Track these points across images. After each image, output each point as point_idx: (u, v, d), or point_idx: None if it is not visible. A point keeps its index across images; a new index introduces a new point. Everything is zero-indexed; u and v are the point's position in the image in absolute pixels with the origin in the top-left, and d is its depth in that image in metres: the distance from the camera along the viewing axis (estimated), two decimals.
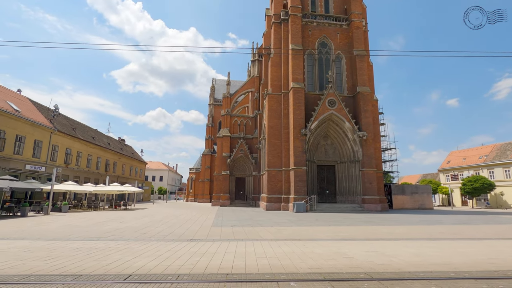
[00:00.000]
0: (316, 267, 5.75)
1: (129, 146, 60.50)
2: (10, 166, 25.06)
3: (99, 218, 18.02)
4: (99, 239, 9.76)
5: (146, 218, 18.42)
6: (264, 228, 13.54)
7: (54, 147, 31.35)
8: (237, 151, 38.94)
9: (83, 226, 13.46)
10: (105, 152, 43.10)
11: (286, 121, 29.71)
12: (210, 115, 61.37)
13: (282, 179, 28.86)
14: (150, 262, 6.19)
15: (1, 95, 27.22)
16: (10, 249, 7.62)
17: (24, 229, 12.36)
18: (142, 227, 13.56)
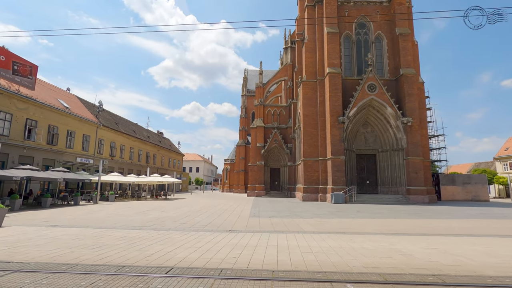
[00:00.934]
0: (372, 266, 5.10)
1: (167, 139, 62.99)
2: (63, 159, 27.19)
3: (142, 208, 18.80)
4: (142, 228, 9.96)
5: (185, 208, 18.84)
6: (304, 219, 12.99)
7: (100, 141, 33.46)
8: (271, 141, 38.46)
9: (127, 215, 14.02)
10: (145, 145, 45.23)
11: (322, 109, 28.44)
12: (243, 106, 61.35)
13: (319, 169, 27.87)
14: (191, 254, 6.00)
15: (53, 94, 29.45)
16: (62, 237, 7.98)
17: (75, 217, 13.16)
18: (181, 216, 13.77)
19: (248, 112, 61.36)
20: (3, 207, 9.84)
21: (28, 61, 24.29)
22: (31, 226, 10.07)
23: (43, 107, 25.01)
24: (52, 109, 25.92)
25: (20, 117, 22.84)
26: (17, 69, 23.16)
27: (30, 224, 10.55)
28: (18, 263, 5.12)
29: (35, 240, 7.44)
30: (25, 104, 23.30)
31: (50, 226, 10.00)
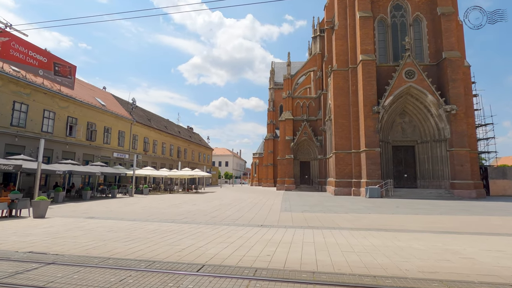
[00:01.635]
0: (429, 270, 4.42)
1: (196, 134, 64.33)
2: (101, 154, 28.62)
3: (174, 201, 19.14)
4: (174, 221, 9.94)
5: (215, 201, 18.87)
6: (339, 214, 12.27)
7: (134, 137, 34.79)
8: (300, 134, 37.51)
9: (160, 208, 14.24)
10: (176, 140, 46.44)
11: (355, 99, 26.98)
12: (271, 99, 60.66)
13: (351, 162, 26.61)
14: (223, 250, 5.70)
15: (91, 92, 31.01)
16: (97, 229, 8.12)
17: (112, 209, 13.61)
18: (212, 210, 13.69)
19: (276, 105, 60.61)
20: (46, 199, 10.32)
21: (67, 61, 25.66)
22: (71, 217, 10.49)
23: (82, 105, 26.36)
24: (90, 107, 27.26)
25: (62, 115, 24.25)
26: (58, 70, 24.55)
27: (71, 215, 11.02)
28: (53, 255, 5.14)
29: (72, 231, 7.62)
30: (66, 103, 24.68)
31: (88, 218, 10.34)
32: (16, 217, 10.31)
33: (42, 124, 22.37)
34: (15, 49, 20.89)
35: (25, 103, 21.03)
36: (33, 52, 22.36)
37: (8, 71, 20.17)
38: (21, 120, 20.74)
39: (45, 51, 23.62)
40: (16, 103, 20.40)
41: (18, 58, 21.08)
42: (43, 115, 22.44)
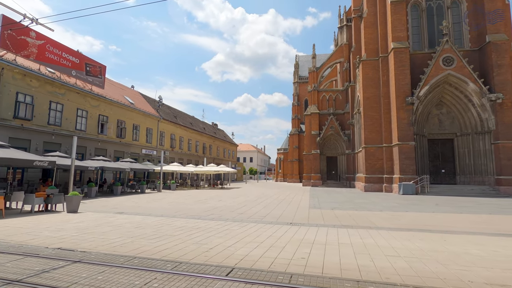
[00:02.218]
0: (498, 283, 3.72)
1: (221, 130, 64.83)
2: (130, 150, 29.51)
3: (200, 196, 19.18)
4: (200, 217, 9.75)
5: (241, 197, 18.65)
6: (372, 212, 11.47)
7: (162, 133, 35.57)
8: (327, 128, 36.31)
9: (186, 204, 14.23)
10: (201, 136, 47.01)
11: (386, 90, 25.44)
12: (295, 93, 59.54)
13: (383, 157, 25.21)
14: (253, 250, 5.30)
15: (120, 91, 32.03)
16: (126, 224, 8.09)
17: (140, 204, 13.80)
18: (238, 206, 13.43)
19: (301, 100, 59.42)
20: (78, 195, 10.57)
21: (97, 62, 26.56)
22: (102, 212, 10.67)
23: (112, 104, 27.25)
24: (119, 105, 28.13)
25: (94, 113, 25.21)
26: (89, 70, 25.49)
27: (101, 210, 11.23)
28: (81, 252, 5.04)
29: (101, 227, 7.62)
30: (97, 102, 25.60)
31: (118, 213, 10.45)
32: (51, 211, 10.68)
33: (76, 122, 23.38)
34: (50, 52, 21.89)
35: (60, 103, 22.04)
36: (67, 54, 23.33)
37: (44, 72, 21.20)
38: (57, 119, 21.77)
39: (77, 52, 24.58)
40: (52, 103, 21.42)
41: (53, 60, 22.08)
42: (76, 113, 23.44)
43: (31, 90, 19.98)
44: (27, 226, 7.57)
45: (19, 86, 19.27)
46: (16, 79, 19.14)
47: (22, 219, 8.78)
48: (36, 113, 20.16)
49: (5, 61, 18.48)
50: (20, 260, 4.43)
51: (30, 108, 19.81)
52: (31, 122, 19.77)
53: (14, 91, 18.92)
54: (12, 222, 8.22)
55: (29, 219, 8.71)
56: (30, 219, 8.71)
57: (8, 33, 19.08)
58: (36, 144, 19.90)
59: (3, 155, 9.50)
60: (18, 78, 19.25)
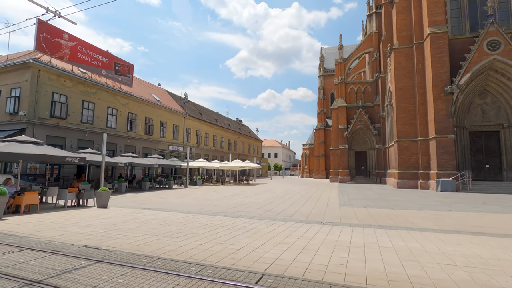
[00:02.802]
0: None
1: (246, 126, 64.81)
2: (158, 147, 30.19)
3: (226, 192, 19.05)
4: (226, 214, 9.47)
5: (267, 194, 18.25)
6: (411, 211, 10.54)
7: (188, 130, 36.09)
8: (355, 122, 34.76)
9: (212, 200, 14.08)
10: (226, 132, 47.20)
11: (421, 79, 23.66)
12: (321, 87, 57.88)
13: (418, 151, 23.57)
14: (283, 253, 4.85)
15: (147, 89, 32.82)
16: (152, 221, 7.99)
17: (167, 200, 13.86)
18: (265, 203, 13.03)
19: (327, 93, 57.71)
20: (107, 190, 10.73)
21: (125, 61, 27.28)
22: (130, 208, 10.76)
23: (140, 102, 27.94)
24: (147, 103, 28.79)
25: (123, 111, 25.98)
26: (118, 69, 26.25)
27: (130, 206, 11.35)
28: (105, 250, 4.89)
29: (128, 223, 7.56)
30: (126, 100, 26.35)
31: (145, 209, 10.47)
32: (83, 206, 10.95)
33: (107, 120, 24.21)
34: (81, 52, 22.75)
35: (92, 102, 22.90)
36: (97, 54, 24.15)
37: (77, 73, 22.09)
38: (89, 117, 22.65)
39: (106, 52, 25.36)
40: (84, 102, 22.30)
41: (84, 60, 22.94)
42: (107, 112, 24.27)
43: (65, 90, 20.88)
44: (58, 221, 7.70)
45: (54, 87, 20.20)
46: (51, 80, 20.07)
47: (55, 213, 9.01)
48: (70, 112, 21.08)
49: (41, 63, 19.43)
50: (45, 258, 4.33)
51: (64, 107, 20.74)
52: (66, 121, 20.70)
53: (50, 91, 19.87)
54: (45, 216, 8.44)
55: (61, 214, 8.92)
56: (62, 214, 8.91)
57: (43, 36, 20.02)
58: (71, 141, 20.84)
59: (38, 151, 9.82)
60: (53, 79, 20.18)
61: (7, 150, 8.85)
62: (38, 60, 19.50)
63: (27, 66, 19.11)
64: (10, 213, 8.80)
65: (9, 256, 4.45)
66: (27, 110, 18.60)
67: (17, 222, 7.42)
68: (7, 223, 7.36)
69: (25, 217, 8.29)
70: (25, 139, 10.28)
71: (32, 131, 18.61)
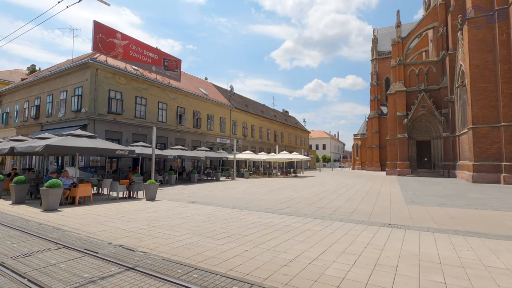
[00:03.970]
0: None
1: (292, 117, 63.12)
2: (206, 140, 30.64)
3: (273, 185, 18.24)
4: (275, 211, 8.59)
5: (318, 187, 16.95)
6: (505, 213, 8.41)
7: (234, 122, 36.07)
8: (416, 108, 30.91)
9: (259, 194, 13.35)
10: (272, 124, 46.33)
11: (506, 53, 19.67)
12: (374, 72, 53.24)
13: (500, 139, 19.81)
14: (351, 270, 3.76)
15: (194, 83, 33.43)
16: (196, 217, 7.48)
17: (214, 193, 13.53)
18: (316, 198, 11.84)
19: (380, 78, 53.00)
20: (155, 183, 10.66)
21: (173, 56, 27.93)
22: (176, 201, 10.55)
23: (188, 96, 28.47)
24: (195, 97, 29.25)
25: (173, 105, 26.70)
26: (167, 65, 26.99)
27: (177, 198, 11.18)
28: (141, 252, 4.36)
29: (171, 219, 7.14)
30: (175, 94, 27.01)
31: (191, 203, 10.15)
32: (133, 198, 11.10)
33: (158, 114, 25.09)
34: (133, 50, 23.75)
35: (144, 97, 23.85)
36: (147, 51, 25.04)
37: (130, 70, 23.12)
38: (142, 112, 23.66)
39: (155, 49, 26.19)
40: (137, 98, 23.31)
41: (136, 58, 23.94)
42: (157, 106, 25.13)
43: (120, 87, 22.00)
44: (105, 214, 7.64)
45: (111, 84, 21.37)
46: (108, 78, 21.26)
47: (105, 206, 9.12)
48: (125, 108, 22.19)
49: (98, 63, 20.65)
50: (76, 261, 3.93)
51: (120, 104, 21.89)
52: (122, 116, 21.85)
53: (107, 89, 21.08)
54: (95, 209, 8.53)
55: (110, 207, 8.98)
56: (111, 207, 8.97)
57: (99, 37, 21.23)
58: (126, 135, 21.99)
59: (92, 145, 10.08)
60: (109, 77, 21.35)
61: (62, 143, 9.16)
62: (96, 60, 20.77)
63: (86, 66, 20.49)
64: (67, 204, 9.14)
65: (44, 255, 4.16)
66: (88, 107, 19.99)
67: (68, 214, 7.53)
68: (60, 214, 7.51)
69: (78, 208, 8.47)
70: (80, 133, 10.66)
71: (93, 127, 19.98)
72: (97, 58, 21.33)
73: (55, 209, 8.06)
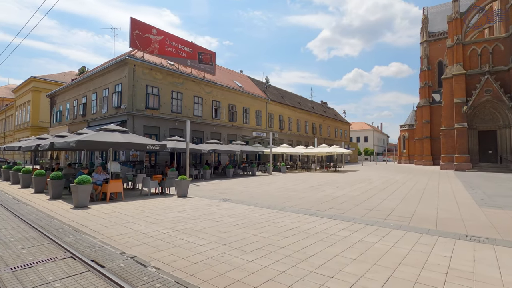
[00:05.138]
0: None
1: (331, 109, 60.15)
2: (242, 133, 30.07)
3: (312, 181, 16.92)
4: (316, 213, 7.45)
5: (362, 184, 15.27)
6: None
7: (270, 115, 35.02)
8: (479, 93, 26.91)
9: (298, 191, 12.22)
10: (310, 116, 44.37)
11: None
12: (424, 55, 48.24)
13: None
14: None
15: (229, 76, 32.94)
16: (226, 219, 6.66)
17: (249, 189, 12.71)
18: (363, 197, 10.38)
19: (432, 62, 47.89)
20: (186, 179, 10.12)
21: (207, 49, 27.60)
22: (209, 198, 9.90)
23: (223, 89, 28.02)
24: (230, 90, 28.73)
25: (208, 99, 26.46)
26: (202, 58, 26.74)
27: (209, 195, 10.55)
28: (153, 269, 3.59)
29: (199, 220, 6.40)
30: (210, 88, 26.71)
31: (223, 200, 9.41)
32: (165, 194, 10.71)
33: (193, 109, 25.01)
34: (168, 45, 23.78)
35: (179, 92, 23.85)
36: (182, 45, 24.95)
37: (165, 65, 23.21)
38: (178, 107, 23.71)
39: (190, 43, 26.02)
40: (173, 92, 23.37)
41: (171, 52, 23.96)
42: (193, 101, 25.03)
43: (156, 82, 22.16)
44: (131, 213, 7.17)
45: (148, 80, 21.61)
46: (145, 74, 21.50)
47: (135, 203, 8.75)
48: (162, 103, 22.36)
49: (135, 59, 20.92)
50: (76, 278, 3.28)
51: (157, 99, 22.09)
52: (159, 111, 22.05)
53: (144, 84, 21.34)
54: (124, 206, 8.17)
55: (140, 204, 8.58)
56: (140, 204, 8.56)
57: (136, 33, 21.49)
58: (164, 130, 22.18)
59: (123, 139, 9.82)
60: (146, 73, 21.59)
61: (92, 139, 8.97)
62: (133, 56, 21.09)
63: (124, 63, 20.89)
64: (99, 200, 8.96)
65: (46, 267, 3.60)
66: (126, 103, 20.43)
67: (95, 212, 7.20)
68: (87, 212, 7.22)
69: (108, 205, 8.18)
70: (113, 128, 10.49)
71: (132, 122, 20.38)
72: (134, 54, 21.67)
73: (85, 206, 7.83)
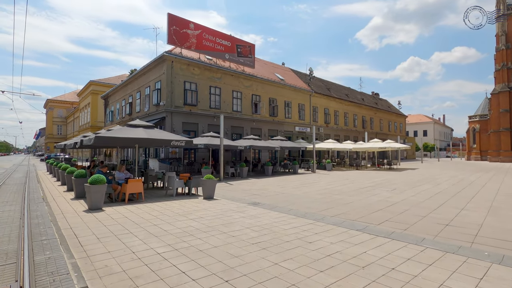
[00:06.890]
0: None
1: (384, 100, 54.80)
2: (284, 128, 28.43)
3: (363, 181, 14.61)
4: (366, 227, 5.62)
5: (426, 185, 12.57)
6: None
7: (314, 108, 32.69)
8: None
9: (344, 193, 10.27)
10: (360, 108, 40.67)
11: None
12: (501, 32, 40.81)
13: None
14: None
15: (270, 69, 31.44)
16: (246, 232, 5.26)
17: (286, 190, 11.13)
18: (430, 205, 8.07)
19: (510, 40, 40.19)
20: (213, 179, 8.99)
21: (246, 41, 26.47)
22: (237, 201, 8.62)
23: (263, 82, 26.67)
24: (270, 83, 27.27)
25: (247, 94, 25.37)
26: (240, 51, 25.71)
27: (239, 197, 9.27)
28: None
29: (211, 234, 5.10)
30: (249, 82, 25.57)
31: (251, 204, 8.04)
32: (192, 195, 9.73)
33: (232, 104, 24.14)
34: (206, 39, 23.19)
35: (218, 87, 23.15)
36: (220, 39, 24.19)
37: (203, 60, 22.66)
38: (216, 103, 23.03)
39: (228, 36, 25.15)
40: (211, 88, 22.75)
41: (209, 47, 23.34)
42: (232, 95, 24.15)
43: (194, 78, 21.71)
44: (142, 220, 6.19)
45: (185, 76, 21.24)
46: (182, 70, 21.17)
47: (153, 205, 7.85)
48: (200, 99, 21.87)
49: (173, 55, 20.66)
50: None
51: (194, 95, 21.65)
52: (197, 107, 21.59)
53: (182, 80, 21.02)
54: (139, 210, 7.29)
55: (158, 207, 7.64)
56: (158, 207, 7.62)
57: (173, 29, 21.22)
58: (202, 126, 21.68)
59: (146, 135, 9.07)
60: (184, 69, 21.24)
61: (110, 135, 8.32)
62: (171, 52, 20.88)
63: (163, 60, 20.78)
64: (119, 201, 8.29)
65: None
66: (165, 100, 20.30)
67: (103, 217, 6.39)
68: (94, 217, 6.44)
69: (122, 208, 7.39)
70: (137, 123, 9.82)
71: (171, 119, 20.21)
72: (172, 50, 21.48)
73: (99, 208, 7.13)
